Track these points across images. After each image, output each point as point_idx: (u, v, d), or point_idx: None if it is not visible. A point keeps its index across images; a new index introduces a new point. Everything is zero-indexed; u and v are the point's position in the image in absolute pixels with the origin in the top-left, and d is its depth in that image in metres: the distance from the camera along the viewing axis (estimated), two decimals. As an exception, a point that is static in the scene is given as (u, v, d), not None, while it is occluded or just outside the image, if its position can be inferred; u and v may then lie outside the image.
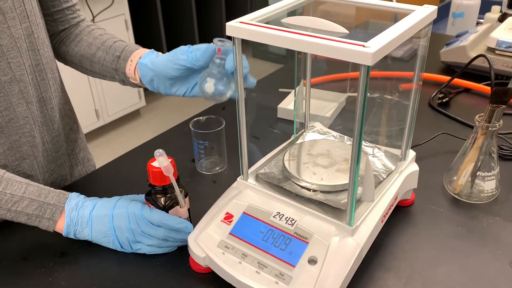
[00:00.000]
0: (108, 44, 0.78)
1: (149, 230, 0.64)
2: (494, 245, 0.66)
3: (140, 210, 0.64)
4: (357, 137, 0.52)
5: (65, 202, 0.65)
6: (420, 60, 0.65)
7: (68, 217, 0.64)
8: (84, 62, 0.80)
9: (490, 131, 0.71)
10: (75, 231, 0.65)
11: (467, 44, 1.14)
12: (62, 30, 0.82)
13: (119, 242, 0.65)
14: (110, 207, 0.66)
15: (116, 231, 0.65)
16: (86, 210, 0.65)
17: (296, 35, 0.50)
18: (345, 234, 0.58)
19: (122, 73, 0.77)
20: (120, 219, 0.64)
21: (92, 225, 0.65)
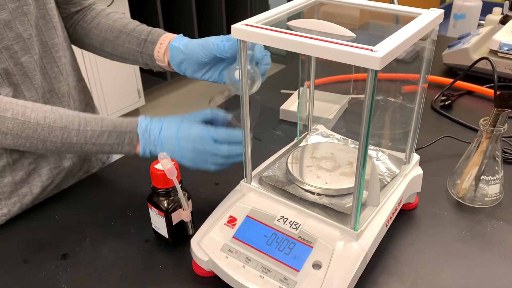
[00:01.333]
0: (130, 27, 0.81)
1: (214, 148, 0.66)
2: (498, 250, 0.66)
3: (206, 132, 0.66)
4: (364, 141, 0.51)
5: (137, 127, 0.69)
6: (426, 63, 0.64)
7: (142, 139, 0.68)
8: (105, 45, 0.82)
9: (495, 135, 0.70)
10: (150, 151, 0.69)
11: (469, 47, 1.14)
12: (75, 13, 0.83)
13: (187, 160, 0.67)
14: (176, 129, 0.68)
15: (184, 152, 0.67)
16: (155, 131, 0.68)
17: (303, 39, 0.49)
18: (349, 238, 0.58)
19: (148, 55, 0.79)
20: (186, 141, 0.66)
21: (162, 146, 0.68)
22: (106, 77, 2.60)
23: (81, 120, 0.67)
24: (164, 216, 0.65)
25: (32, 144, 0.66)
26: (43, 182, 0.79)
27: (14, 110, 0.64)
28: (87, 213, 0.76)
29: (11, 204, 0.75)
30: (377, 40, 0.49)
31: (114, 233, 0.71)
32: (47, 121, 0.65)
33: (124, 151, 0.69)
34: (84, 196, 0.81)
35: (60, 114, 0.67)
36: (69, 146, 0.67)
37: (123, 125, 0.69)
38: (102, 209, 0.77)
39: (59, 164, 0.81)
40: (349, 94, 1.06)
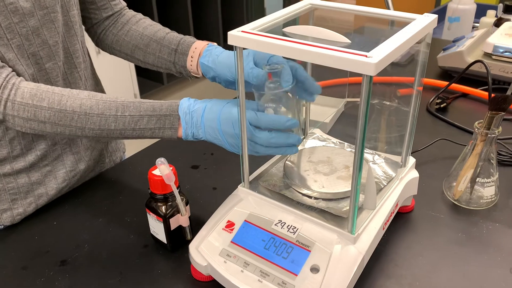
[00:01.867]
0: (160, 35, 0.80)
1: (252, 135, 0.63)
2: (494, 252, 0.67)
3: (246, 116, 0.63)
4: (359, 145, 0.52)
5: (178, 109, 0.66)
6: (421, 66, 0.65)
7: (184, 122, 0.66)
8: (136, 53, 0.82)
9: (489, 138, 0.71)
10: (192, 134, 0.66)
11: (464, 50, 1.15)
12: (106, 18, 0.84)
13: (229, 145, 0.66)
14: (218, 111, 0.65)
15: (225, 136, 0.65)
16: (198, 112, 0.66)
17: (298, 45, 0.50)
18: (347, 242, 0.58)
19: (182, 66, 0.79)
20: (227, 125, 0.64)
21: (205, 128, 0.65)
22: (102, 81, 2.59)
23: (118, 105, 0.66)
24: (162, 221, 0.65)
25: (71, 132, 0.66)
26: (58, 184, 0.80)
27: (50, 99, 0.65)
28: (86, 219, 0.76)
29: (27, 204, 0.77)
30: (372, 45, 0.50)
31: (113, 239, 0.72)
32: (83, 108, 0.65)
33: (166, 135, 0.67)
34: (82, 202, 0.81)
35: (97, 100, 0.66)
36: (108, 132, 0.66)
37: (163, 108, 0.67)
38: (100, 215, 0.77)
39: (75, 167, 0.82)
40: (345, 97, 1.07)
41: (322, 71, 1.20)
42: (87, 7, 0.82)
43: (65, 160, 0.80)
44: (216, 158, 0.91)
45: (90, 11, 0.82)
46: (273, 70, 0.64)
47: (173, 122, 0.66)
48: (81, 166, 0.83)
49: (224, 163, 0.89)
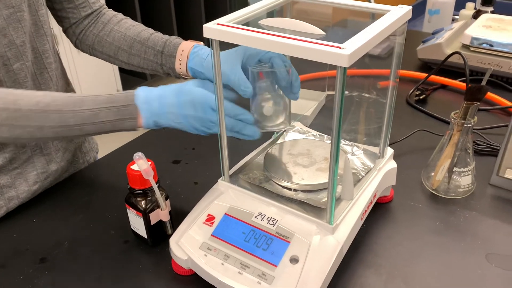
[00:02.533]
0: (144, 36, 0.78)
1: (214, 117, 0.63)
2: (471, 239, 0.68)
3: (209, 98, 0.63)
4: (336, 137, 0.52)
5: (134, 99, 0.65)
6: (397, 57, 0.66)
7: (143, 111, 0.64)
8: (120, 54, 0.80)
9: (465, 128, 0.72)
10: (154, 122, 0.65)
11: (442, 42, 1.16)
12: (85, 17, 0.82)
13: (192, 128, 0.65)
14: (176, 95, 0.65)
15: (187, 119, 0.64)
16: (156, 100, 0.65)
17: (273, 37, 0.50)
18: (325, 232, 0.59)
19: (170, 68, 0.77)
20: (187, 107, 0.64)
21: (166, 115, 0.64)
22: (84, 77, 2.57)
23: (76, 100, 0.64)
24: (142, 216, 0.65)
25: (30, 133, 0.63)
26: (30, 187, 0.78)
27: (5, 100, 0.62)
28: (66, 215, 0.76)
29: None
30: (348, 37, 0.50)
31: (93, 235, 0.71)
32: (40, 106, 0.63)
33: (126, 126, 0.66)
34: (61, 198, 0.80)
35: (54, 97, 0.64)
36: (68, 129, 0.64)
37: (120, 99, 0.65)
38: (80, 211, 0.76)
39: (46, 169, 0.80)
40: (325, 91, 1.08)
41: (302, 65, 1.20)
42: (64, 7, 0.80)
43: (36, 162, 0.78)
44: (197, 152, 0.91)
45: (67, 10, 0.80)
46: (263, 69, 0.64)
47: (131, 112, 0.65)
48: (53, 167, 0.81)
49: (205, 157, 0.89)
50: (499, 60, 1.10)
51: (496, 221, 0.71)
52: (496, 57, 1.10)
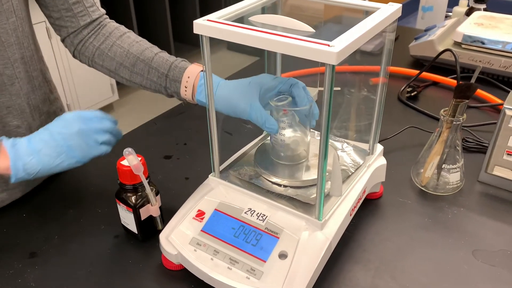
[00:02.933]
0: (148, 55, 0.75)
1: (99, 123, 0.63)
2: (458, 235, 0.69)
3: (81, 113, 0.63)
4: (324, 134, 0.53)
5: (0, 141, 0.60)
6: (387, 54, 0.66)
7: (11, 153, 0.59)
8: (121, 71, 0.77)
9: (455, 125, 0.73)
10: (24, 165, 0.59)
11: (434, 39, 1.17)
12: (85, 27, 0.77)
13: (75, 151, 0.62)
14: (49, 126, 0.62)
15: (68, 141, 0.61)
16: (24, 140, 0.61)
17: (262, 34, 0.50)
18: (314, 228, 0.59)
19: (174, 92, 0.74)
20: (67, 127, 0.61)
21: (40, 151, 0.60)
22: (78, 71, 2.55)
23: None
24: (132, 212, 0.65)
25: None
26: None
27: None
28: (56, 210, 0.76)
29: None
30: (339, 34, 0.51)
31: (83, 230, 0.71)
32: None
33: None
34: (52, 193, 0.80)
35: None
36: None
37: None
38: (71, 206, 0.76)
39: None
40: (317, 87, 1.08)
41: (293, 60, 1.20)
42: (63, 15, 0.76)
43: None
44: (189, 148, 0.91)
45: (66, 19, 0.76)
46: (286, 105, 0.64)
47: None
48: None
49: (197, 153, 0.89)
50: (490, 58, 1.11)
51: (484, 217, 0.72)
52: (487, 54, 1.11)
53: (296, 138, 0.67)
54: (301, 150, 0.68)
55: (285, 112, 0.65)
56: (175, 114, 1.03)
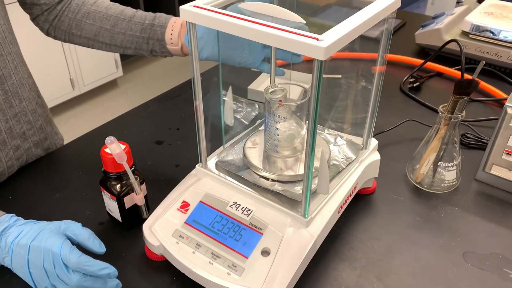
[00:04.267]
0: (128, 13, 0.76)
1: (63, 274, 0.54)
2: (449, 236, 0.67)
3: (58, 248, 0.54)
4: (311, 129, 0.50)
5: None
6: (385, 41, 0.63)
7: None
8: (102, 35, 0.77)
9: (453, 122, 0.70)
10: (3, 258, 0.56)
11: (442, 27, 1.13)
12: (59, 2, 0.77)
13: (33, 281, 0.55)
14: (31, 236, 0.56)
15: (31, 268, 0.55)
16: (10, 237, 0.56)
17: (249, 24, 0.47)
18: (299, 225, 0.58)
19: (157, 40, 0.75)
20: (36, 255, 0.54)
21: (12, 255, 0.56)
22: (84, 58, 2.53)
23: None
24: (116, 200, 0.64)
25: None
26: None
27: None
28: (43, 194, 0.75)
29: None
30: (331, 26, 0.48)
31: (68, 215, 0.70)
32: None
33: None
34: (39, 176, 0.79)
35: None
36: None
37: None
38: (58, 190, 0.75)
39: None
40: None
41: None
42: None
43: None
44: (181, 133, 0.90)
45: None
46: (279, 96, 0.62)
47: None
48: None
49: (189, 139, 0.88)
50: (498, 49, 1.07)
51: (478, 218, 0.70)
52: (495, 46, 1.07)
53: (292, 131, 0.65)
54: (296, 144, 0.66)
55: (280, 105, 0.63)
56: (170, 97, 1.01)
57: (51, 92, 2.47)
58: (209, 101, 0.66)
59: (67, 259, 0.53)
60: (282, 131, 0.64)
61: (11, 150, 0.76)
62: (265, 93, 0.63)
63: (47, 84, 2.42)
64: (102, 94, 2.85)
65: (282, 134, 0.64)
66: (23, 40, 2.19)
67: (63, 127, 2.63)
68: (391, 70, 1.14)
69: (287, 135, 0.64)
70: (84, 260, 0.54)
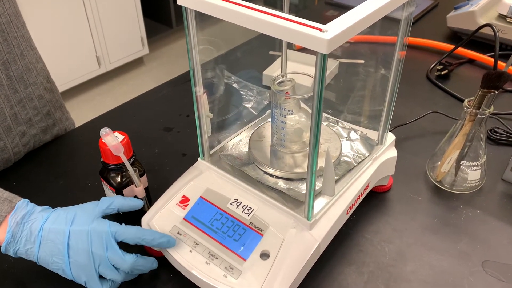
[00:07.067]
0: None
1: (116, 257, 0.51)
2: (469, 242, 0.62)
3: (107, 227, 0.52)
4: (314, 128, 0.46)
5: (10, 211, 0.52)
6: (404, 22, 0.56)
7: (10, 233, 0.51)
8: None
9: (479, 118, 0.64)
10: (16, 250, 0.51)
11: (476, 10, 1.04)
12: None
13: (71, 271, 0.52)
14: (67, 222, 0.52)
15: (71, 255, 0.51)
16: (35, 224, 0.52)
17: (250, 11, 0.43)
18: (302, 227, 0.54)
19: None
20: (80, 239, 0.51)
21: (41, 244, 0.51)
22: (108, 24, 2.52)
23: None
24: (115, 192, 0.62)
25: None
26: None
27: None
28: (46, 180, 0.74)
29: None
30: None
31: (70, 203, 0.68)
32: None
33: None
34: (44, 162, 0.78)
35: None
36: None
37: None
38: (61, 177, 0.74)
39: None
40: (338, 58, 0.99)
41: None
42: None
43: None
44: (191, 120, 0.86)
45: None
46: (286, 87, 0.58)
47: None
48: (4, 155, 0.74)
49: (199, 126, 0.85)
50: (538, 35, 0.98)
51: (501, 223, 0.65)
52: (535, 31, 0.98)
53: (300, 125, 0.61)
54: (305, 138, 0.62)
55: (287, 97, 0.59)
56: (183, 81, 0.98)
57: (78, 70, 2.48)
58: (214, 91, 0.63)
59: (123, 234, 0.52)
60: (289, 125, 0.59)
61: (17, 137, 0.75)
62: (272, 84, 0.59)
63: (73, 62, 2.43)
64: (128, 72, 2.85)
65: (289, 128, 0.60)
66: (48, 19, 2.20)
67: (89, 105, 2.65)
68: (418, 55, 1.06)
69: (294, 129, 0.60)
70: (142, 231, 0.53)
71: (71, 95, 2.55)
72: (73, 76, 2.50)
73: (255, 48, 1.12)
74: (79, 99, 2.57)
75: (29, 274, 0.60)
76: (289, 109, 0.58)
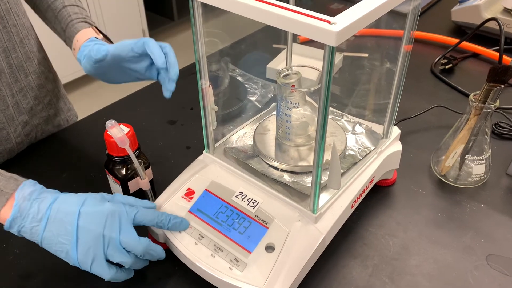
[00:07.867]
0: (57, 6, 0.73)
1: (130, 240, 0.51)
2: (473, 236, 0.62)
3: (123, 210, 0.51)
4: (321, 122, 0.46)
5: (16, 188, 0.51)
6: (411, 16, 0.56)
7: (17, 207, 0.49)
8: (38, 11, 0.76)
9: (484, 112, 0.64)
10: (21, 227, 0.50)
11: (481, 3, 1.04)
12: None
13: (76, 252, 0.50)
14: (77, 203, 0.51)
15: (80, 236, 0.49)
16: (44, 202, 0.51)
17: (258, 3, 0.43)
18: (307, 221, 0.54)
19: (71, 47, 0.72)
20: (93, 221, 0.50)
21: (48, 222, 0.50)
22: (109, 16, 2.51)
23: None
24: (121, 184, 0.62)
25: None
26: None
27: None
28: (51, 173, 0.74)
29: None
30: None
31: (75, 196, 0.69)
32: None
33: None
34: (49, 154, 0.78)
35: None
36: None
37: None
38: (66, 169, 0.74)
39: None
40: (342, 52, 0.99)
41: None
42: None
43: None
44: (195, 113, 0.86)
45: None
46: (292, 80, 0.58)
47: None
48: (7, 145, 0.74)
49: (203, 119, 0.84)
50: (543, 29, 0.97)
51: (506, 217, 0.65)
52: (540, 25, 0.98)
53: (305, 118, 0.60)
54: (311, 132, 0.62)
55: (293, 90, 0.59)
56: (187, 74, 0.98)
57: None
58: (219, 84, 0.62)
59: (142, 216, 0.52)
60: (294, 118, 0.59)
61: (20, 126, 0.75)
62: (278, 77, 0.58)
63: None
64: (129, 65, 2.84)
65: (294, 121, 0.60)
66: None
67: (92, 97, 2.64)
68: (422, 49, 1.06)
69: (300, 122, 0.60)
70: (157, 212, 0.54)
71: (74, 88, 2.54)
72: (76, 68, 2.49)
73: (258, 41, 1.12)
74: (81, 92, 2.56)
75: (34, 266, 0.60)
76: (294, 102, 0.58)
